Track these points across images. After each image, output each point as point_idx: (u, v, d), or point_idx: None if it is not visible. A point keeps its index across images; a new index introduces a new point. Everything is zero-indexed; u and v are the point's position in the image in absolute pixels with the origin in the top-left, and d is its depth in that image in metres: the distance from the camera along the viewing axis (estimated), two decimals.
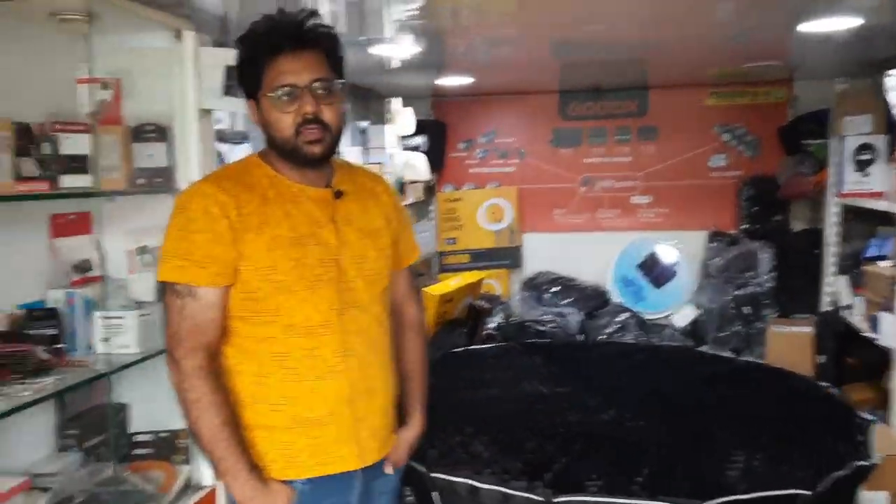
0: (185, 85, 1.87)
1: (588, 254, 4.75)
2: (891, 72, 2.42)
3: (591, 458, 1.90)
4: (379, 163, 3.71)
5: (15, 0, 1.55)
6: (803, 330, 3.45)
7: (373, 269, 1.59)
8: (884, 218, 3.00)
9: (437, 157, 4.84)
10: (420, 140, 4.41)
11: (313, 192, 1.51)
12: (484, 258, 5.01)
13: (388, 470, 1.64)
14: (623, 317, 4.20)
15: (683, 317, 4.40)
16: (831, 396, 2.27)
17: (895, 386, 2.48)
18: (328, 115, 1.43)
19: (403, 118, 4.04)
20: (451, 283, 4.10)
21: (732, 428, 2.07)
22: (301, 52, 1.41)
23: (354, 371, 1.52)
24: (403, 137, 4.14)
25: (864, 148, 3.08)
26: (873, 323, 2.77)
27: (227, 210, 1.38)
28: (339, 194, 1.56)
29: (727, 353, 3.93)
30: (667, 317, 4.48)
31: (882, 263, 2.76)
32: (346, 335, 1.51)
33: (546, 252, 4.88)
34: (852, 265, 3.32)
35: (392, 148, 3.88)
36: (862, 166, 3.08)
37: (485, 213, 5.00)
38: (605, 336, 4.16)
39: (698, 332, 4.24)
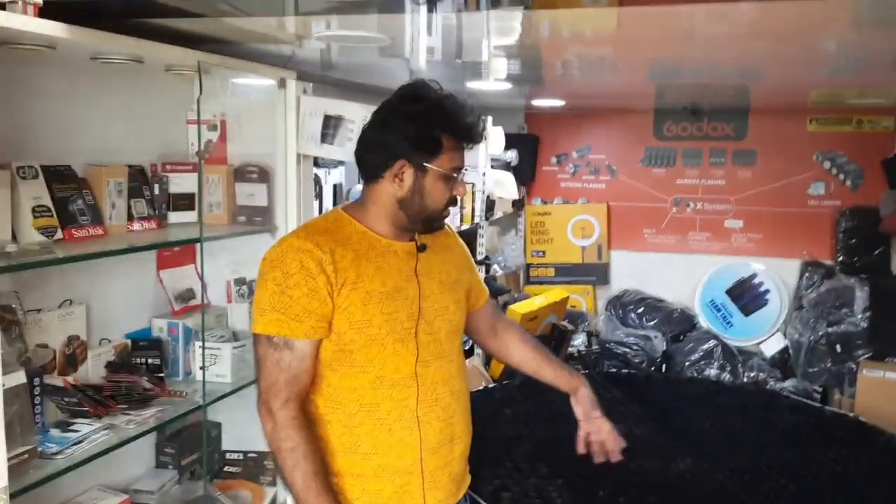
0: (287, 130, 1.92)
1: (676, 275, 4.59)
2: None
3: None
4: (471, 182, 3.69)
5: (133, 61, 1.62)
6: None
7: (453, 320, 1.62)
8: None
9: (528, 169, 4.79)
10: (511, 154, 4.37)
11: (400, 246, 1.54)
12: (570, 273, 4.93)
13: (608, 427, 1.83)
14: (709, 344, 4.03)
15: (772, 346, 4.18)
16: None
17: None
18: None
19: (493, 137, 4.00)
20: (537, 301, 4.04)
21: (812, 493, 1.93)
22: (467, 144, 1.52)
23: (440, 420, 1.55)
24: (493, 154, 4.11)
25: None
26: None
27: (324, 265, 1.41)
28: (422, 248, 1.58)
29: (816, 391, 3.72)
30: (756, 345, 4.27)
31: None
32: (433, 385, 1.54)
33: (633, 271, 4.75)
34: None
35: (483, 167, 3.85)
36: None
37: (573, 229, 4.90)
38: (689, 362, 4.01)
39: (787, 364, 4.01)
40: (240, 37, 1.67)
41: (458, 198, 1.56)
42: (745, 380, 4.00)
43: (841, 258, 4.07)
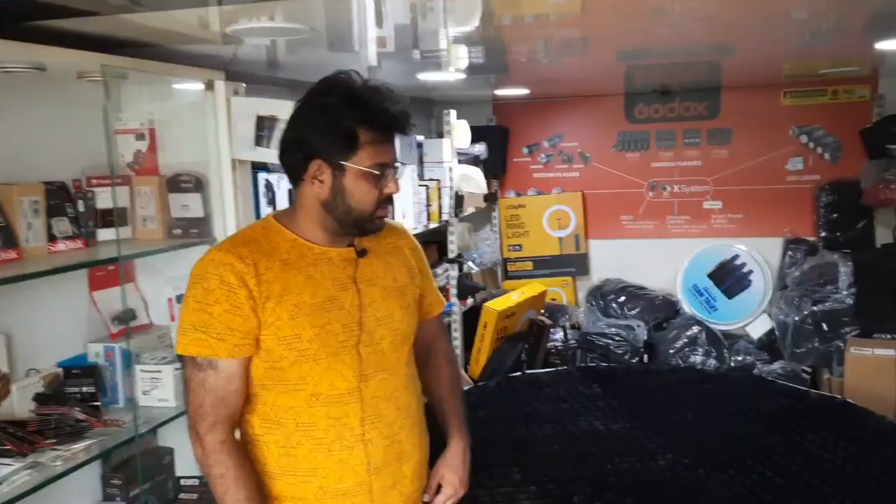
0: (219, 135, 1.83)
1: (657, 261, 4.53)
2: None
3: None
4: (436, 179, 3.62)
5: (35, 69, 1.53)
6: (886, 353, 3.15)
7: (399, 329, 1.53)
8: None
9: (499, 162, 4.71)
10: (480, 148, 4.29)
11: (336, 253, 1.46)
12: (549, 265, 4.86)
13: (460, 493, 1.63)
14: (693, 330, 3.97)
15: (758, 328, 4.13)
16: None
17: None
18: None
19: (459, 131, 3.93)
20: (513, 297, 3.97)
21: (797, 483, 1.87)
22: (392, 135, 1.43)
23: (384, 438, 1.47)
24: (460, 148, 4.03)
25: None
26: None
27: (246, 279, 1.34)
28: (362, 253, 1.50)
29: (805, 372, 3.68)
30: (741, 328, 4.22)
31: None
32: (374, 401, 1.46)
33: (613, 259, 4.69)
34: None
35: (449, 161, 3.77)
36: None
37: (549, 220, 4.83)
38: (673, 350, 3.95)
39: (774, 346, 3.96)
40: (156, 38, 1.58)
41: (392, 196, 1.47)
42: (732, 364, 3.95)
43: (823, 234, 4.02)
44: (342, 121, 1.35)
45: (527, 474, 2.01)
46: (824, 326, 3.57)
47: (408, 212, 3.24)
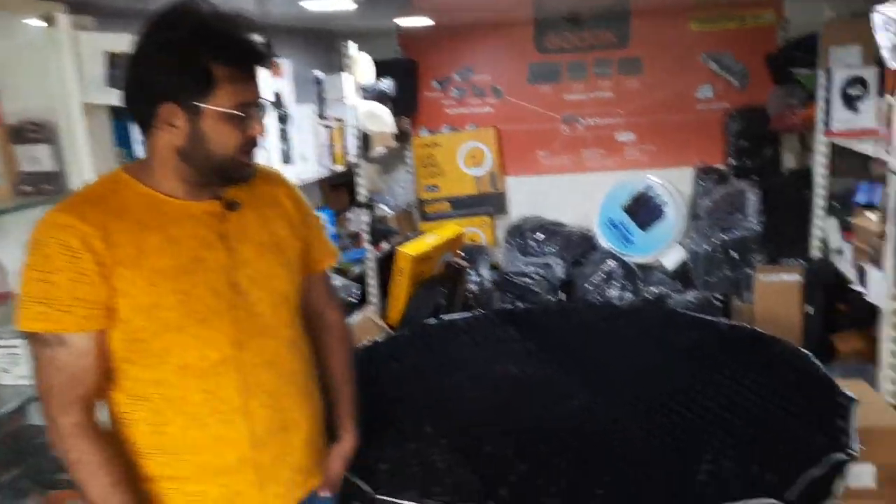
0: (64, 76, 1.61)
1: (574, 197, 4.53)
2: (879, 7, 2.11)
3: (553, 464, 1.72)
4: (339, 118, 3.43)
5: None
6: (791, 279, 3.24)
7: (279, 289, 1.40)
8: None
9: (409, 99, 4.53)
10: (387, 83, 4.10)
11: (199, 207, 1.32)
12: (466, 205, 4.78)
13: (325, 493, 1.52)
14: (609, 265, 4.00)
15: (671, 259, 4.19)
16: (814, 371, 2.06)
17: (884, 348, 2.29)
18: None
19: (362, 65, 3.72)
20: (428, 240, 3.88)
21: (707, 417, 1.88)
22: (254, 69, 1.27)
23: (266, 408, 1.37)
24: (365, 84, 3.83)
25: (854, 82, 2.78)
26: (861, 274, 2.56)
27: (91, 242, 1.18)
28: (231, 206, 1.35)
29: (717, 299, 3.75)
30: (656, 259, 4.27)
31: (870, 214, 2.52)
32: (252, 369, 1.35)
33: (530, 196, 4.65)
34: (842, 208, 3.08)
35: (352, 98, 3.58)
36: (851, 102, 2.78)
37: (464, 158, 4.72)
38: (591, 286, 3.97)
39: (687, 275, 4.03)
40: None
41: (255, 139, 1.33)
42: (648, 296, 4.01)
43: (733, 162, 4.08)
44: (193, 56, 1.19)
45: (438, 428, 1.96)
46: (734, 255, 3.64)
47: (308, 154, 3.06)
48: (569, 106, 4.51)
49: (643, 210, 4.29)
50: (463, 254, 4.29)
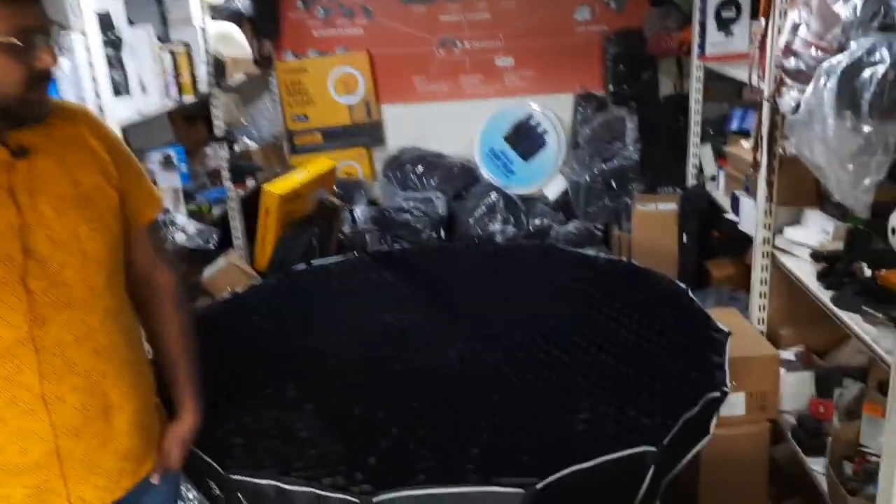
0: None
1: (453, 126, 4.41)
2: None
3: (427, 424, 1.62)
4: (185, 42, 3.09)
5: None
6: (668, 208, 3.28)
7: (88, 251, 1.20)
8: None
9: (269, 19, 4.20)
10: (243, 1, 3.75)
11: None
12: (340, 137, 4.55)
13: (155, 480, 1.37)
14: (491, 198, 3.92)
15: (553, 189, 4.17)
16: (690, 306, 2.06)
17: (755, 277, 2.33)
18: None
19: None
20: (297, 176, 3.65)
21: (586, 361, 1.84)
22: None
23: (79, 392, 1.19)
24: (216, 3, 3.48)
25: (728, 4, 2.75)
26: (735, 203, 2.59)
27: None
28: (20, 152, 1.12)
29: (598, 229, 3.77)
30: (539, 190, 4.24)
31: (744, 142, 2.53)
32: (59, 348, 1.17)
33: (409, 126, 4.48)
34: (715, 134, 3.11)
35: (200, 19, 3.23)
36: (725, 25, 2.75)
37: (335, 85, 4.46)
38: (473, 220, 3.89)
39: (569, 207, 4.02)
40: None
41: (46, 72, 1.13)
42: (531, 229, 3.98)
43: (611, 87, 4.04)
44: None
45: (303, 390, 1.82)
46: (613, 184, 3.64)
47: (149, 84, 2.73)
48: (445, 28, 4.32)
49: (524, 140, 4.22)
50: (337, 190, 4.09)
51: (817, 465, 1.98)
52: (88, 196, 1.20)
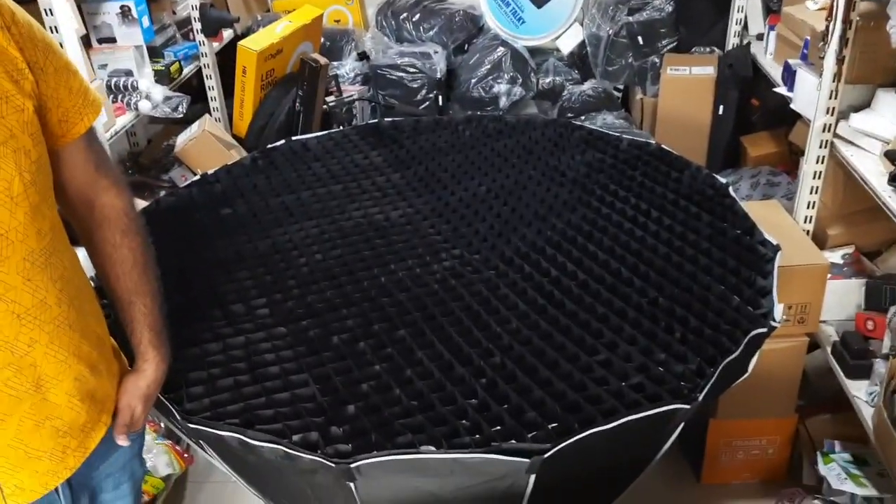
0: None
1: None
2: None
3: (412, 362, 1.40)
4: None
5: None
6: (703, 72, 2.88)
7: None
8: None
9: None
10: None
11: None
12: None
13: (122, 442, 1.18)
14: (497, 53, 3.50)
15: (568, 41, 3.72)
16: (731, 207, 1.76)
17: (806, 171, 2.02)
18: None
19: None
20: (277, 29, 3.23)
21: (602, 281, 1.58)
22: None
23: (0, 369, 0.97)
24: None
25: None
26: (789, 75, 2.21)
27: None
28: None
29: (617, 90, 3.39)
30: (552, 41, 3.79)
31: (810, 3, 2.11)
32: None
33: None
34: None
35: None
36: None
37: None
38: (475, 79, 3.50)
39: (585, 62, 3.60)
40: None
41: None
42: (541, 87, 3.59)
43: None
44: None
45: (277, 310, 1.58)
46: (640, 40, 3.20)
47: None
48: None
49: None
50: (324, 41, 3.66)
51: (859, 391, 1.77)
52: None
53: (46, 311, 1.00)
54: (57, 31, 2.09)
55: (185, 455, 2.25)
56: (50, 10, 2.04)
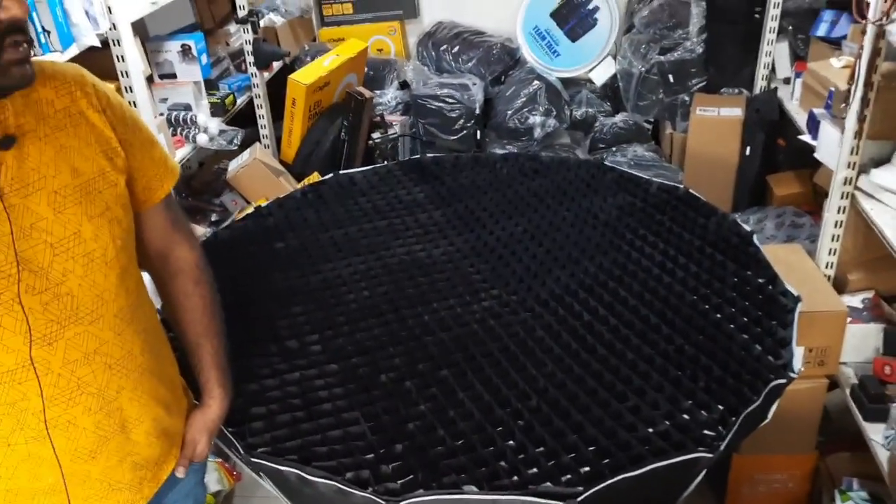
0: None
1: None
2: None
3: (454, 403, 1.47)
4: None
5: None
6: (731, 114, 2.93)
7: (94, 253, 1.03)
8: None
9: None
10: None
11: None
12: (372, 7, 4.17)
13: (181, 474, 1.27)
14: (533, 87, 3.57)
15: (601, 74, 3.79)
16: (755, 257, 1.82)
17: (829, 219, 2.07)
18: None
19: None
20: (325, 62, 3.35)
21: (631, 326, 1.65)
22: None
23: (92, 414, 1.06)
24: None
25: None
26: (813, 124, 2.26)
27: None
28: (7, 142, 0.93)
29: (648, 122, 3.45)
30: (585, 73, 3.86)
31: (833, 61, 2.16)
32: (66, 367, 1.02)
33: None
34: (795, 29, 2.69)
35: None
36: None
37: None
38: (511, 110, 3.58)
39: (617, 94, 3.67)
40: None
41: (23, 22, 0.90)
42: (574, 118, 3.66)
43: None
44: None
45: (328, 346, 1.67)
46: (670, 78, 3.26)
47: None
48: None
49: (573, 16, 3.79)
50: (368, 70, 3.77)
51: (876, 434, 1.82)
52: (90, 186, 1.01)
53: (132, 361, 1.11)
54: (127, 76, 2.22)
55: (234, 472, 2.36)
56: (122, 56, 2.17)
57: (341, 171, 2.54)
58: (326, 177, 2.50)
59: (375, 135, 3.32)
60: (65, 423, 1.03)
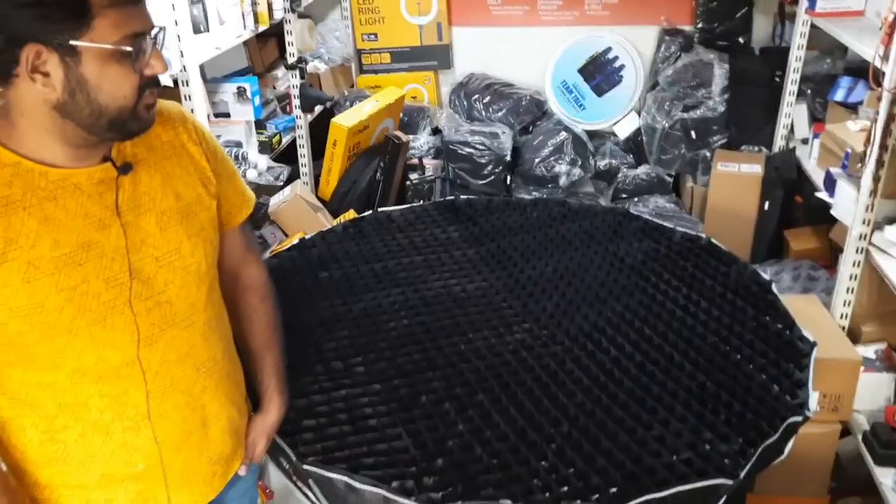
0: None
1: (526, 53, 4.16)
2: None
3: (491, 425, 1.57)
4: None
5: None
6: (751, 170, 3.05)
7: (190, 267, 1.16)
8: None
9: None
10: None
11: (85, 175, 1.03)
12: (408, 58, 4.36)
13: (243, 472, 1.38)
14: (560, 137, 3.72)
15: (626, 127, 3.94)
16: (773, 303, 1.92)
17: (844, 273, 2.17)
18: None
19: None
20: (365, 108, 3.51)
21: (656, 362, 1.74)
22: None
23: (181, 409, 1.19)
24: None
25: None
26: (830, 183, 2.38)
27: None
28: (126, 168, 1.06)
29: (670, 176, 3.57)
30: (610, 126, 4.01)
31: (850, 124, 2.28)
32: (164, 366, 1.14)
33: (479, 51, 4.27)
34: (814, 93, 2.82)
35: None
36: None
37: (407, 4, 4.23)
38: (539, 159, 3.72)
39: (640, 147, 3.81)
40: None
41: (159, 77, 1.04)
42: (598, 169, 3.80)
43: (700, 24, 3.70)
44: None
45: (371, 367, 1.78)
46: (693, 134, 3.40)
47: (227, 17, 2.60)
48: None
49: (600, 73, 3.96)
50: (404, 117, 3.94)
51: (886, 478, 1.89)
52: (190, 209, 1.16)
53: (215, 364, 1.23)
54: (193, 113, 2.38)
55: (268, 490, 2.44)
56: (189, 95, 2.33)
57: (380, 209, 2.67)
58: (366, 213, 2.63)
59: (413, 176, 3.47)
60: (158, 416, 1.15)
